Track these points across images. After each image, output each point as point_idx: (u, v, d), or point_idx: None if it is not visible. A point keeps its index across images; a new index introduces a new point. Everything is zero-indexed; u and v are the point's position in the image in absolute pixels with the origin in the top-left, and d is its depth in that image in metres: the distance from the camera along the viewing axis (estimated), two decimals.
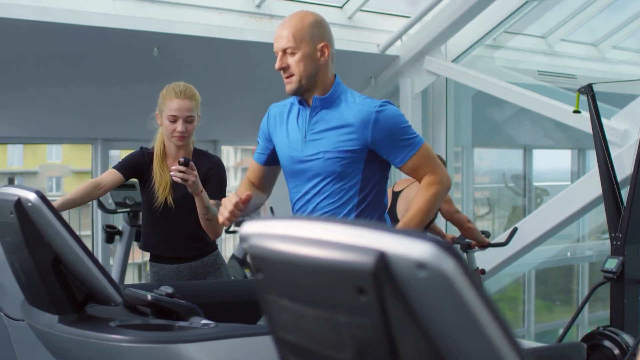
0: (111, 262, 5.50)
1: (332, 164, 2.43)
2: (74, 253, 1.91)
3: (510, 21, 6.19)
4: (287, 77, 2.47)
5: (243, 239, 1.05)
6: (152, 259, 3.23)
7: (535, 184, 8.03)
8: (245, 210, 2.51)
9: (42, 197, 1.89)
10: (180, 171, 2.77)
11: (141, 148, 3.24)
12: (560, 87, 6.45)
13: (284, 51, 2.45)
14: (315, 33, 2.45)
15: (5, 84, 5.07)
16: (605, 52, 7.37)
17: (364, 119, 2.40)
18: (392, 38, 6.00)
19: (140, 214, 6.04)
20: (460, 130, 6.61)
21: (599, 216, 6.55)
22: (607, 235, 7.35)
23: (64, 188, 16.77)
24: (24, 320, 2.91)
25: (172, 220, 3.13)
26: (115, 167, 3.13)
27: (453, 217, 4.76)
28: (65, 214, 3.08)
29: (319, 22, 2.49)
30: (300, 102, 2.52)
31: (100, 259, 4.73)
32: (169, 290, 2.20)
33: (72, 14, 4.79)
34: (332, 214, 2.45)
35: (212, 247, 3.24)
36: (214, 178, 3.13)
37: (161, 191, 3.09)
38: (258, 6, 5.61)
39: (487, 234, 4.95)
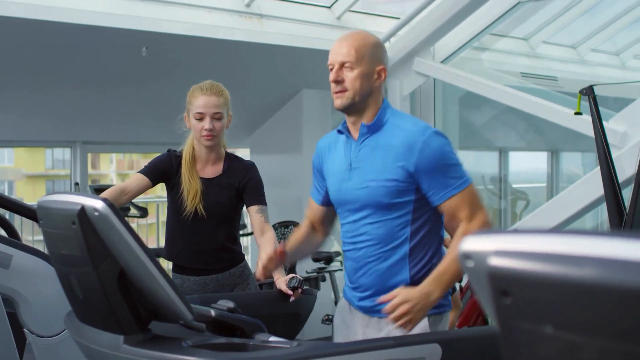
0: None
1: (378, 192, 2.26)
2: (144, 267, 1.74)
3: (497, 23, 6.16)
4: (339, 92, 2.30)
5: (467, 256, 0.91)
6: (175, 270, 3.05)
7: (514, 186, 8.05)
8: (283, 263, 2.49)
9: (110, 205, 1.71)
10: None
11: (169, 150, 3.06)
12: (542, 88, 6.46)
13: (342, 64, 2.29)
14: (377, 54, 2.32)
15: None
16: (584, 55, 7.41)
17: (409, 145, 2.23)
18: (380, 39, 5.90)
19: (128, 220, 5.83)
20: (447, 133, 6.54)
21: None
22: None
23: (16, 192, 16.28)
24: (49, 337, 2.73)
25: (202, 230, 2.95)
26: (141, 172, 2.94)
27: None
28: None
29: (380, 44, 2.39)
30: (346, 130, 2.38)
31: None
32: (231, 304, 2.04)
33: (61, 11, 4.56)
34: (382, 247, 2.29)
35: (240, 258, 3.08)
36: (252, 185, 2.97)
37: (190, 200, 2.91)
38: (247, 5, 5.45)
39: None
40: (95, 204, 1.71)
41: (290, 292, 2.72)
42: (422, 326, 2.22)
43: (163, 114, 5.91)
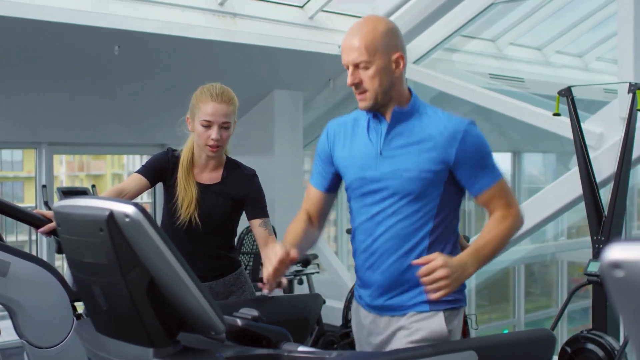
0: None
1: (411, 183, 2.17)
2: (176, 275, 1.65)
3: (468, 25, 6.18)
4: (361, 94, 2.20)
5: (616, 265, 0.85)
6: None
7: None
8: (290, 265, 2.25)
9: (142, 210, 1.61)
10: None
11: (167, 149, 2.93)
12: (510, 89, 6.51)
13: (356, 65, 2.17)
14: (389, 43, 2.16)
15: None
16: (549, 57, 7.50)
17: (450, 135, 2.15)
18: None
19: None
20: None
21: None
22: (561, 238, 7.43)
23: None
24: (48, 348, 2.59)
25: (196, 238, 2.84)
26: (138, 172, 2.81)
27: None
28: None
29: (392, 30, 2.20)
30: (375, 116, 2.26)
31: None
32: (255, 313, 1.95)
33: (28, 7, 4.39)
34: (402, 240, 2.21)
35: (235, 266, 2.97)
36: (253, 197, 2.85)
37: (185, 208, 2.78)
38: (221, 4, 5.35)
39: (467, 238, 4.86)
40: (126, 209, 1.61)
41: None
42: (438, 322, 2.16)
43: (134, 115, 5.78)
